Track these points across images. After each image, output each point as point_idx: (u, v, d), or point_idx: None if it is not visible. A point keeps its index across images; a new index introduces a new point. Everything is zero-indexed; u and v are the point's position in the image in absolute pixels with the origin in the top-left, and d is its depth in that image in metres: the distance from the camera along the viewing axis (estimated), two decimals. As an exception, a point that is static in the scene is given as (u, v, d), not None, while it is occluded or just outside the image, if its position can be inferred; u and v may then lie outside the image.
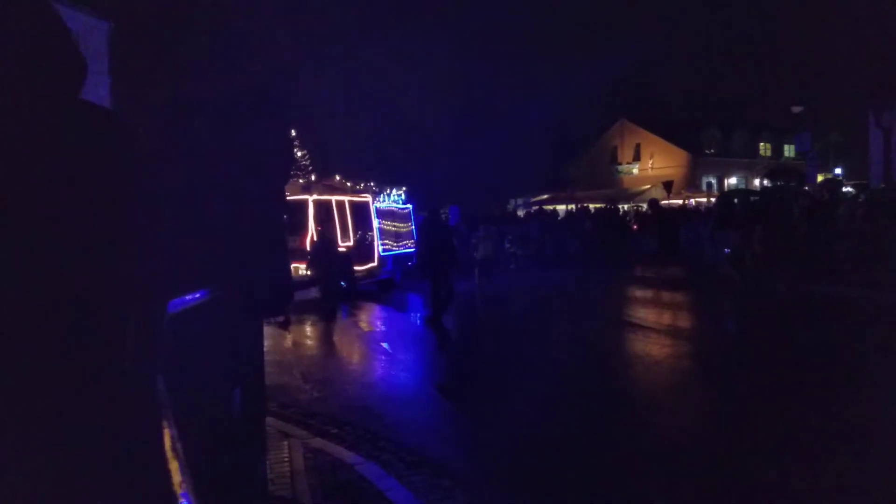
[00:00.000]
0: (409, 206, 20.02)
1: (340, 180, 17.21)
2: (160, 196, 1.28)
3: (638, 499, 4.29)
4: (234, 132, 2.24)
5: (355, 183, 17.67)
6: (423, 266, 11.87)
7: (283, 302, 3.46)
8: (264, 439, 3.96)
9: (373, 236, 16.43)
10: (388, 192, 19.07)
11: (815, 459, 4.75)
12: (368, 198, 16.94)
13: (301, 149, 25.83)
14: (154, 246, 1.19)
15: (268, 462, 4.37)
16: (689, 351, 9.09)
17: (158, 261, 1.20)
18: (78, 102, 1.21)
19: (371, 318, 13.92)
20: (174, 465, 0.97)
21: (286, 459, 4.94)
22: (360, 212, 16.23)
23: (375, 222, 16.71)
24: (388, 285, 17.43)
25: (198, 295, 1.98)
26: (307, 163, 25.51)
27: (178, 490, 0.94)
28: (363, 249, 15.85)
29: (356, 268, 15.25)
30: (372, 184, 18.41)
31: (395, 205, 19.00)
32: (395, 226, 18.41)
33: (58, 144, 1.11)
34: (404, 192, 19.93)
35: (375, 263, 16.39)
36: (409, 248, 19.25)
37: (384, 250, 16.91)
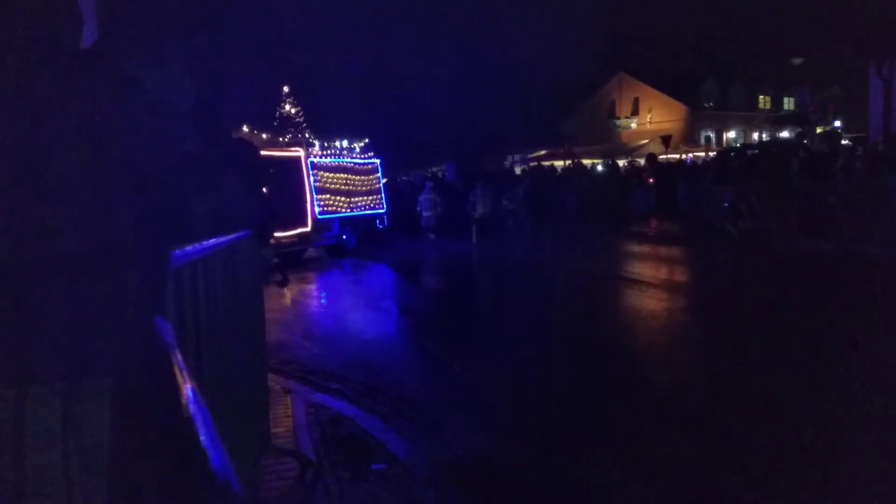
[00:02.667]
0: (376, 160, 17.26)
1: (253, 131, 14.78)
2: (159, 142, 1.29)
3: (633, 449, 4.38)
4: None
5: (277, 135, 15.48)
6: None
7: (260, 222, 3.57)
8: (266, 393, 4.03)
9: (304, 197, 14.49)
10: (339, 144, 16.56)
11: (812, 410, 4.84)
12: (299, 152, 14.73)
13: (295, 105, 25.45)
14: (156, 194, 1.20)
15: (270, 416, 4.46)
16: (684, 305, 9.17)
17: (161, 208, 1.22)
18: (79, 52, 1.23)
19: (368, 276, 13.98)
20: (189, 405, 1.00)
21: (288, 414, 5.02)
22: (286, 169, 13.99)
23: (310, 180, 14.60)
24: (337, 251, 15.39)
25: (197, 248, 1.99)
26: (301, 119, 25.04)
27: (197, 429, 0.97)
28: (287, 212, 13.46)
29: (276, 234, 12.92)
30: (308, 135, 16.03)
31: (349, 160, 16.39)
32: (348, 184, 15.81)
33: (59, 94, 1.12)
34: (365, 144, 17.45)
35: (308, 228, 14.50)
36: (373, 207, 16.73)
37: (324, 212, 14.80)
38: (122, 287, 1.15)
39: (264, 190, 4.91)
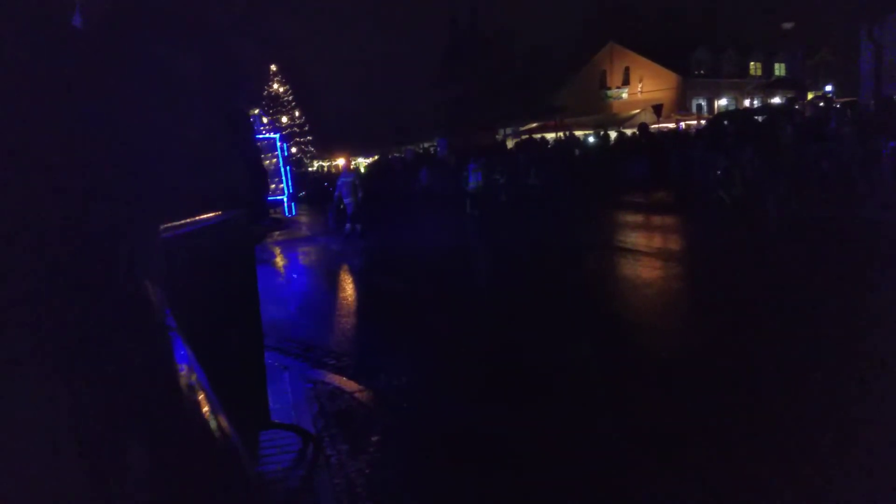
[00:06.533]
0: (272, 135, 14.97)
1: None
2: (150, 115, 1.28)
3: (627, 418, 4.42)
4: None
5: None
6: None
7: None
8: (263, 368, 4.05)
9: None
10: None
11: (807, 375, 4.89)
12: None
13: (283, 84, 25.20)
14: (145, 165, 1.20)
15: (269, 392, 4.48)
16: (678, 273, 9.20)
17: (148, 179, 1.21)
18: (71, 28, 1.22)
19: (362, 255, 13.95)
20: (185, 374, 1.00)
21: (287, 391, 5.05)
22: None
23: None
24: None
25: (189, 222, 1.98)
26: (290, 98, 24.80)
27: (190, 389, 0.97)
28: None
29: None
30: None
31: None
32: None
33: (53, 69, 1.12)
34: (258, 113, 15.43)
35: None
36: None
37: None
38: (112, 259, 1.15)
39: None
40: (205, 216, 2.49)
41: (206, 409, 0.93)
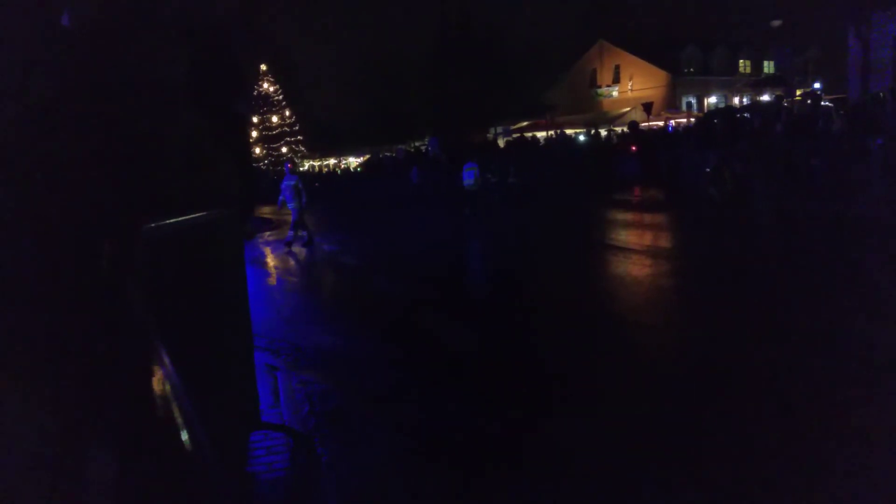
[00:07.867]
0: None
1: None
2: (139, 114, 1.26)
3: (620, 417, 4.42)
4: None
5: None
6: None
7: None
8: (253, 369, 4.02)
9: None
10: None
11: (800, 372, 4.91)
12: None
13: (273, 84, 25.09)
14: (133, 164, 1.19)
15: (260, 393, 4.46)
16: (669, 270, 9.22)
17: (136, 178, 1.20)
18: (61, 28, 1.22)
19: (353, 253, 13.92)
20: (158, 372, 0.98)
21: (278, 391, 5.02)
22: None
23: None
24: None
25: (176, 220, 1.96)
26: (280, 97, 24.71)
27: (165, 391, 0.95)
28: None
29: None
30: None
31: None
32: None
33: (45, 70, 1.11)
34: None
35: None
36: None
37: None
38: (93, 257, 1.13)
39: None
40: (194, 215, 2.46)
41: (178, 420, 0.91)
